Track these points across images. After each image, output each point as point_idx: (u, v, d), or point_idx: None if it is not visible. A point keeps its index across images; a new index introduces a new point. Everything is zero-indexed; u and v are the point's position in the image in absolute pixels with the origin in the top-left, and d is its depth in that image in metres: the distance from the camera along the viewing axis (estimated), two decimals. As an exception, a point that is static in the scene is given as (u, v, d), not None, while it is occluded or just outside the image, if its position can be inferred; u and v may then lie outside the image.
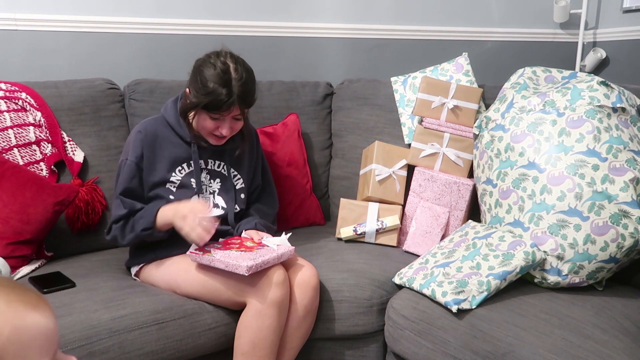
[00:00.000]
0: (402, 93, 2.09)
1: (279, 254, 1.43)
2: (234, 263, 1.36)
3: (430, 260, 1.56)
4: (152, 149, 1.57)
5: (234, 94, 1.45)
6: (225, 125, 1.51)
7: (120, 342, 1.30)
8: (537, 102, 1.59)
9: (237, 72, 1.47)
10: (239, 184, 1.67)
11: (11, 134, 1.73)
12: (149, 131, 1.58)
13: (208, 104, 1.46)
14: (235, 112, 1.50)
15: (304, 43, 2.39)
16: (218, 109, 1.46)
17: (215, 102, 1.45)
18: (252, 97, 1.52)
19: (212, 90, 1.44)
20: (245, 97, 1.48)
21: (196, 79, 1.49)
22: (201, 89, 1.46)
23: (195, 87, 1.48)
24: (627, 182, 1.43)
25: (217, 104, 1.45)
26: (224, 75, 1.45)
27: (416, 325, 1.42)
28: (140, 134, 1.57)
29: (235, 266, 1.36)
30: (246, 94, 1.48)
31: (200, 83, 1.47)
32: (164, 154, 1.57)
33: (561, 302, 1.40)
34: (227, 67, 1.47)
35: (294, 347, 1.50)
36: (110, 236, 1.55)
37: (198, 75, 1.48)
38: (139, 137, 1.56)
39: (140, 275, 1.59)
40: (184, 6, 2.18)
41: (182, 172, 1.58)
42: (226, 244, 1.50)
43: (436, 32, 2.56)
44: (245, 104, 1.49)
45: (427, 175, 1.87)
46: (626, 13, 2.57)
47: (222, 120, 1.51)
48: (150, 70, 2.15)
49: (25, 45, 1.99)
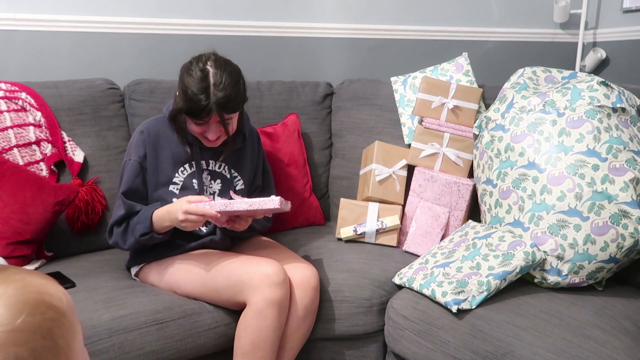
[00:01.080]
0: (402, 93, 2.09)
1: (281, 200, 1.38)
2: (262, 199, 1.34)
3: (430, 261, 1.56)
4: (155, 149, 1.57)
5: (210, 101, 1.42)
6: (210, 129, 1.50)
7: (120, 342, 1.30)
8: (537, 102, 1.59)
9: (216, 77, 1.43)
10: (239, 185, 1.67)
11: (11, 134, 1.73)
12: (152, 131, 1.58)
13: (188, 110, 1.45)
14: (216, 118, 1.47)
15: (304, 43, 2.39)
16: (197, 116, 1.45)
17: (194, 109, 1.43)
18: (234, 102, 1.46)
19: (190, 97, 1.42)
20: (224, 104, 1.44)
21: (180, 84, 1.48)
22: (182, 95, 1.45)
23: (179, 92, 1.48)
24: (627, 182, 1.43)
25: (195, 112, 1.44)
26: (201, 83, 1.42)
27: (416, 325, 1.43)
28: (142, 134, 1.57)
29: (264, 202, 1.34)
30: (226, 100, 1.43)
31: (181, 89, 1.46)
32: (167, 153, 1.57)
33: (561, 302, 1.40)
34: (206, 73, 1.44)
35: (294, 347, 1.50)
36: (112, 241, 1.55)
37: (181, 81, 1.47)
38: (142, 137, 1.56)
39: (140, 275, 1.59)
40: (184, 6, 2.18)
41: (184, 173, 1.58)
42: None
43: (436, 32, 2.56)
44: (225, 109, 1.45)
45: (427, 175, 1.87)
46: (626, 13, 2.57)
47: (206, 125, 1.49)
48: (150, 70, 2.15)
49: (25, 45, 1.99)
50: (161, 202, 1.54)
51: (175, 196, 1.56)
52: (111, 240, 1.56)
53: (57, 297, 0.59)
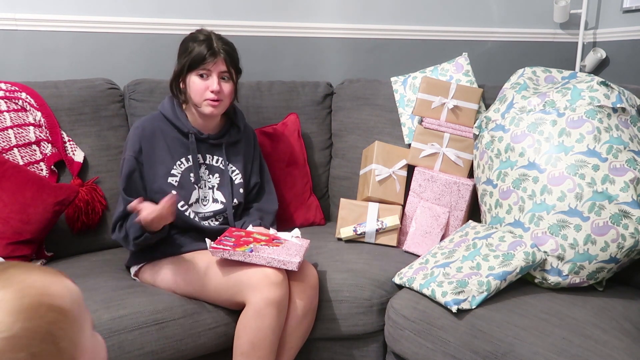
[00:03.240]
0: (402, 93, 2.09)
1: (306, 245, 1.49)
2: (282, 259, 1.39)
3: (430, 261, 1.56)
4: (151, 143, 1.58)
5: (214, 47, 1.54)
6: (213, 81, 1.56)
7: (120, 342, 1.30)
8: (537, 102, 1.59)
9: (217, 37, 1.57)
10: (238, 178, 1.68)
11: (11, 134, 1.73)
12: (147, 126, 1.60)
13: (192, 61, 1.53)
14: (222, 67, 1.55)
15: (304, 43, 2.39)
16: (203, 60, 1.53)
17: (198, 56, 1.53)
18: (235, 55, 1.59)
19: (193, 48, 1.54)
20: (228, 52, 1.56)
21: (181, 50, 1.59)
22: (184, 53, 1.56)
23: (180, 56, 1.58)
24: (627, 182, 1.43)
25: (200, 57, 1.53)
26: (206, 40, 1.55)
27: (416, 325, 1.42)
28: (137, 129, 1.59)
29: (284, 262, 1.39)
30: (229, 49, 1.57)
31: (183, 50, 1.57)
32: (163, 147, 1.58)
33: (561, 302, 1.40)
34: (208, 34, 1.58)
35: (294, 347, 1.50)
36: (115, 239, 1.56)
37: (182, 47, 1.59)
38: (137, 133, 1.58)
39: (140, 275, 1.59)
40: (184, 6, 2.18)
41: (181, 167, 1.59)
42: (239, 238, 1.49)
43: (436, 32, 2.56)
44: (229, 57, 1.56)
45: (427, 176, 1.87)
46: (626, 13, 2.57)
47: (209, 78, 1.56)
48: (150, 70, 2.15)
49: (25, 45, 1.99)
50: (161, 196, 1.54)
51: (174, 188, 1.56)
52: (114, 237, 1.56)
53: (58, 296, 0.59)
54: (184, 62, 1.55)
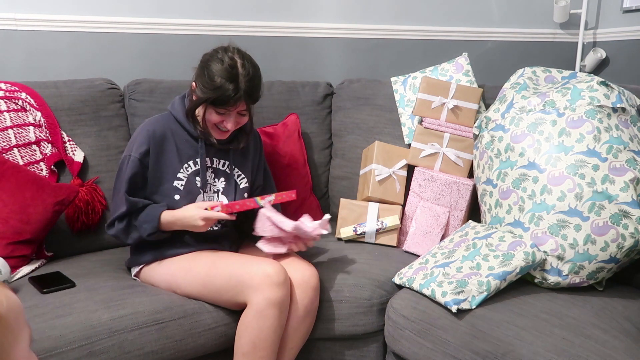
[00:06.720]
0: (402, 93, 2.09)
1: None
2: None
3: (430, 260, 1.56)
4: (160, 145, 1.56)
5: (240, 89, 1.46)
6: (230, 119, 1.52)
7: (120, 342, 1.30)
8: (537, 102, 1.59)
9: (244, 67, 1.48)
10: (243, 183, 1.67)
11: (11, 134, 1.73)
12: (157, 128, 1.57)
13: (215, 99, 1.47)
14: (241, 107, 1.51)
15: (304, 43, 2.39)
16: (225, 104, 1.47)
17: (223, 97, 1.46)
18: (258, 92, 1.53)
19: (220, 86, 1.45)
20: (251, 93, 1.49)
21: (203, 74, 1.49)
22: (208, 84, 1.47)
23: (203, 81, 1.49)
24: (627, 182, 1.43)
25: (224, 99, 1.46)
26: (231, 71, 1.46)
27: (416, 325, 1.42)
28: (148, 131, 1.56)
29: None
30: (253, 89, 1.49)
31: (207, 77, 1.48)
32: (172, 149, 1.57)
33: (561, 302, 1.40)
34: (234, 62, 1.47)
35: (294, 347, 1.51)
36: (113, 234, 1.55)
37: (205, 70, 1.49)
38: (148, 134, 1.55)
39: (140, 275, 1.59)
40: (184, 6, 2.18)
41: (188, 170, 1.58)
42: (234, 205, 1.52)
43: (436, 32, 2.56)
44: (251, 99, 1.50)
45: (427, 175, 1.87)
46: (626, 13, 2.57)
47: (228, 115, 1.52)
48: (150, 70, 2.15)
49: (25, 45, 1.99)
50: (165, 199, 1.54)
51: (179, 192, 1.55)
52: (111, 232, 1.56)
53: None
54: (208, 95, 1.47)
